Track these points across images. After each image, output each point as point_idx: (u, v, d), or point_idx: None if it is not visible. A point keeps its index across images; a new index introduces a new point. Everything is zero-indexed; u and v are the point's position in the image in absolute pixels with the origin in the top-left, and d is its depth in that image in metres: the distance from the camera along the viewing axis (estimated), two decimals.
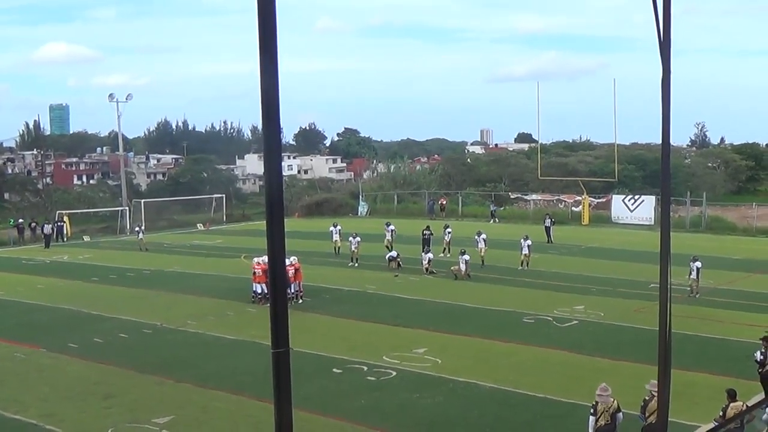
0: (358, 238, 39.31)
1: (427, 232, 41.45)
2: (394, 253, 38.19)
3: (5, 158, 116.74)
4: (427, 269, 35.80)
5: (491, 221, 58.56)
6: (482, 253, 38.34)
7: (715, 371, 20.09)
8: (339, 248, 42.01)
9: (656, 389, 13.63)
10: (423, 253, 37.13)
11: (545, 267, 37.10)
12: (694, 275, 29.58)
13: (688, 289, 29.44)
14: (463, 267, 34.49)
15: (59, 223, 55.27)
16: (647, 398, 14.03)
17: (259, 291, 29.39)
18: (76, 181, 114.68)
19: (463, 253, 34.97)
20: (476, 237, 39.12)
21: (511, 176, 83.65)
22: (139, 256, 45.09)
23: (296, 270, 29.71)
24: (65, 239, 54.13)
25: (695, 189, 63.20)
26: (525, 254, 37.28)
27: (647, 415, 13.93)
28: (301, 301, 29.50)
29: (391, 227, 43.14)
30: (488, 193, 69.04)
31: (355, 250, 38.82)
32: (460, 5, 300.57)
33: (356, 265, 38.23)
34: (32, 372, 21.53)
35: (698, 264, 29.75)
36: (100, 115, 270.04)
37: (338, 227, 43.67)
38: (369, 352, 22.48)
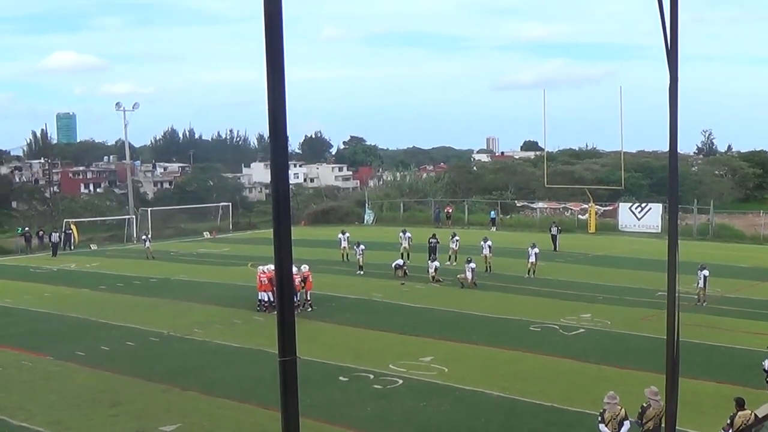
0: (362, 247, 39.44)
1: (433, 240, 41.45)
2: (400, 261, 38.23)
3: (13, 167, 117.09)
4: (433, 277, 35.77)
5: (492, 228, 58.50)
6: (488, 261, 38.43)
7: (723, 380, 20.02)
8: (347, 255, 42.24)
9: (656, 397, 13.65)
10: (429, 261, 37.15)
11: (552, 275, 37.04)
12: (701, 284, 29.51)
13: (696, 297, 29.36)
14: (469, 275, 34.46)
15: (67, 231, 55.43)
16: (645, 405, 14.01)
17: (266, 299, 29.42)
18: (83, 189, 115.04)
19: (469, 261, 34.96)
20: (482, 243, 39.18)
21: (517, 184, 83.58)
22: (145, 264, 45.15)
23: (304, 279, 29.67)
24: (72, 248, 54.25)
25: (702, 197, 63.14)
26: (532, 262, 37.23)
27: (645, 421, 13.89)
28: (310, 309, 29.47)
29: (408, 234, 43.21)
30: (494, 201, 69.00)
31: (360, 258, 38.93)
32: (463, 13, 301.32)
33: (361, 273, 38.23)
34: (39, 380, 21.56)
35: (705, 272, 29.68)
36: (106, 124, 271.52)
37: (347, 235, 44.18)
38: (375, 361, 22.45)
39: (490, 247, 39.00)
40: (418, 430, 17.10)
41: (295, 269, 29.36)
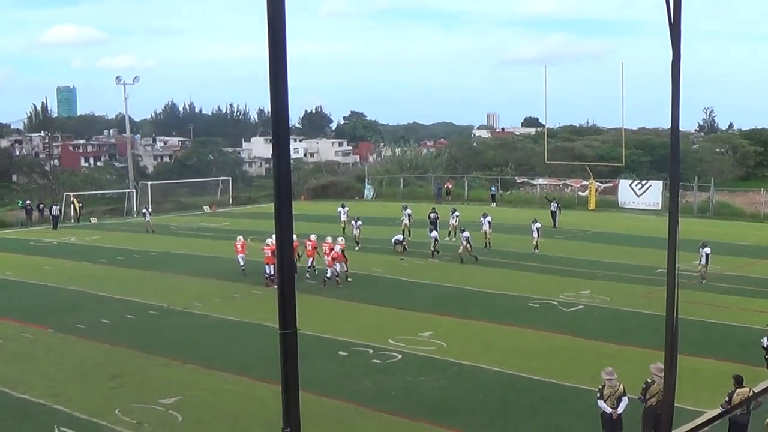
0: (360, 222, 39.50)
1: (433, 215, 41.59)
2: (399, 237, 38.23)
3: (13, 140, 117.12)
4: (432, 252, 35.79)
5: (492, 204, 58.57)
6: (487, 236, 38.44)
7: (721, 357, 20.09)
8: (346, 229, 42.31)
9: (661, 373, 13.62)
10: (429, 234, 37.18)
11: (551, 251, 37.05)
12: (703, 261, 29.54)
13: (698, 274, 29.38)
14: (464, 243, 34.53)
15: (79, 204, 55.70)
16: (649, 381, 14.04)
17: (270, 272, 29.55)
18: (83, 163, 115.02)
19: (463, 231, 35.17)
20: (481, 219, 39.17)
21: (517, 161, 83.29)
22: (145, 238, 45.19)
23: (332, 251, 30.30)
24: (79, 220, 54.40)
25: (703, 174, 63.00)
26: (534, 237, 37.29)
27: (648, 397, 13.93)
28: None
29: (408, 211, 43.14)
30: (494, 177, 68.93)
31: (357, 233, 38.95)
32: None
33: (357, 248, 38.15)
34: (40, 352, 21.64)
35: (707, 250, 29.70)
36: (107, 98, 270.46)
37: (346, 208, 44.58)
38: (374, 336, 22.52)
39: (489, 223, 38.97)
40: (417, 405, 17.17)
41: (329, 240, 30.98)
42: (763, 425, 13.84)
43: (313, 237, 32.26)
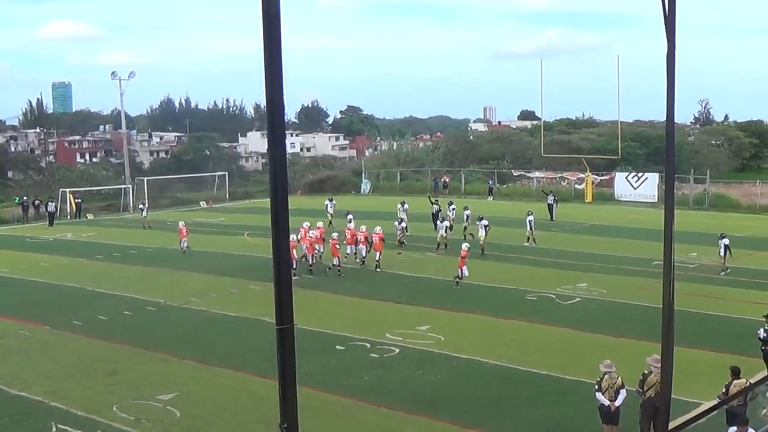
0: (350, 216, 39.45)
1: (435, 207, 41.76)
2: (404, 224, 38.37)
3: (8, 136, 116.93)
4: (442, 243, 35.84)
5: (488, 198, 58.72)
6: (467, 230, 38.76)
7: (718, 348, 20.13)
8: (332, 222, 42.31)
9: (658, 364, 13.65)
10: (440, 222, 37.60)
11: (548, 244, 37.09)
12: (721, 252, 29.71)
13: (718, 265, 29.93)
14: (482, 233, 34.64)
15: (77, 200, 55.73)
16: (646, 372, 14.07)
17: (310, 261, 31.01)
18: (78, 159, 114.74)
19: (482, 219, 35.22)
20: (465, 212, 39.62)
21: (513, 154, 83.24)
22: (142, 233, 45.15)
23: (380, 240, 31.93)
24: (79, 216, 54.39)
25: (699, 166, 63.00)
26: (528, 231, 37.34)
27: (645, 389, 13.95)
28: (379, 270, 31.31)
29: (406, 206, 43.15)
30: (491, 170, 68.96)
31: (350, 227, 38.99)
32: None
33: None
34: (37, 349, 21.62)
35: (726, 241, 29.93)
36: (102, 93, 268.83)
37: (333, 202, 45.61)
38: (372, 330, 22.53)
39: (468, 216, 39.43)
40: (415, 398, 17.18)
41: (364, 228, 32.61)
42: (759, 416, 13.87)
43: (351, 225, 33.22)
